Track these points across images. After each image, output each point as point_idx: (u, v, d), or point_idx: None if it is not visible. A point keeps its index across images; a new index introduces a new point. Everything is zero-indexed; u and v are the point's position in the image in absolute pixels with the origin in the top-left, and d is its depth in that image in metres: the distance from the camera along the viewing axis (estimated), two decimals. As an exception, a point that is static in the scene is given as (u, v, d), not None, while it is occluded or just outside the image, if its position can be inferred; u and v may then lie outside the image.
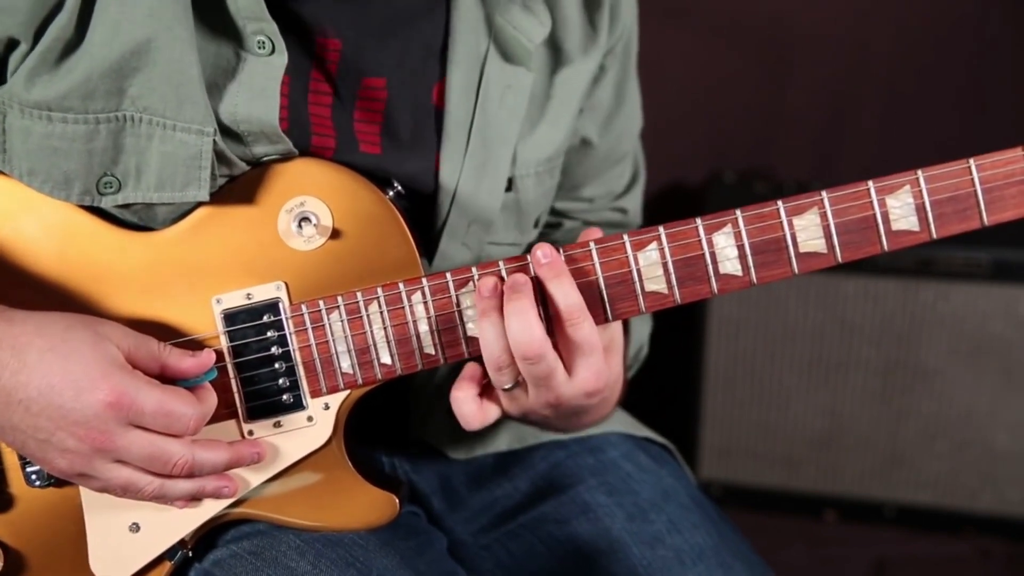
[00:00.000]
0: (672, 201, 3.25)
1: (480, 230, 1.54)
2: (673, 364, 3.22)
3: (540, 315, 1.33)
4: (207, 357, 1.35)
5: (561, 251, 1.35)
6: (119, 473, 1.30)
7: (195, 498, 1.38)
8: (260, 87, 1.36)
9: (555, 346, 1.35)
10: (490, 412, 1.42)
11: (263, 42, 1.35)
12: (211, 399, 1.35)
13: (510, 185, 1.56)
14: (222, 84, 1.36)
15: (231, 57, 1.36)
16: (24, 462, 1.40)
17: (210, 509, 1.41)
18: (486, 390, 1.43)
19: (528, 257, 1.35)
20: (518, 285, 1.33)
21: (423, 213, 1.51)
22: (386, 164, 1.47)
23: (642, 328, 1.76)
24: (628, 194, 1.83)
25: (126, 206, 1.37)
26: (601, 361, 1.37)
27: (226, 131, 1.36)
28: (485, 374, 1.40)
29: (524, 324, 1.31)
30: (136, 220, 1.39)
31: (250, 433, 1.40)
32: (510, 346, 1.33)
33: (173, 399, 1.29)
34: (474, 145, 1.50)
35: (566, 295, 1.33)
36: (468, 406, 1.40)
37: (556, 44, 1.57)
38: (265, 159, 1.39)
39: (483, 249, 1.56)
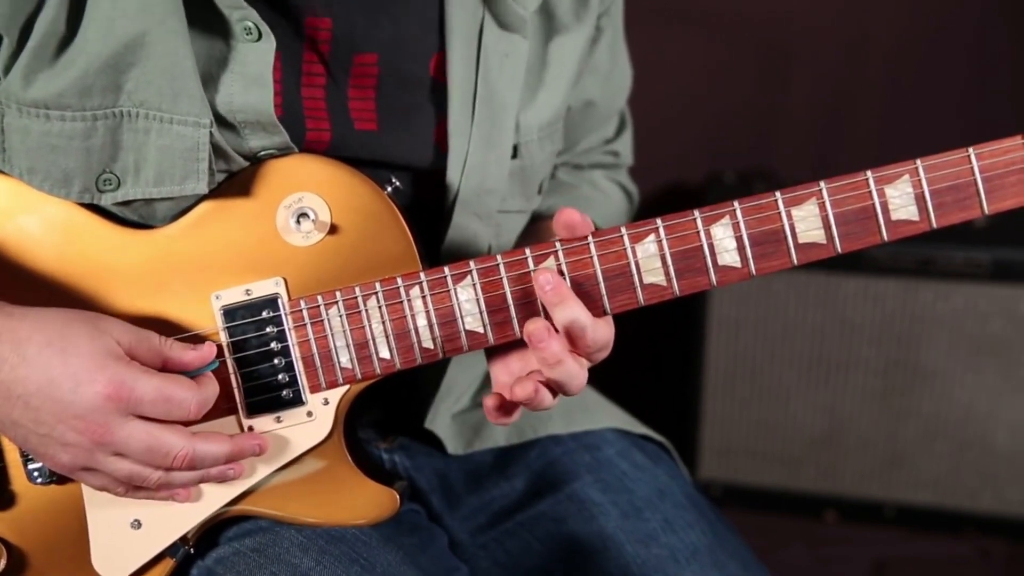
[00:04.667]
0: (672, 202, 3.26)
1: (490, 199, 1.54)
2: (673, 364, 3.23)
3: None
4: (208, 350, 1.35)
5: (560, 249, 1.35)
6: (121, 466, 1.30)
7: (200, 483, 1.39)
8: (254, 75, 1.36)
9: None
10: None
11: (249, 28, 1.35)
12: (212, 385, 1.35)
13: (515, 152, 1.57)
14: (216, 75, 1.36)
15: (222, 47, 1.36)
16: (26, 459, 1.40)
17: (211, 505, 1.41)
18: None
19: (526, 251, 1.36)
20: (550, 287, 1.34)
21: (435, 185, 1.52)
22: (384, 140, 1.48)
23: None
24: (619, 138, 1.87)
25: (126, 203, 1.37)
26: (610, 340, 1.40)
27: (222, 122, 1.36)
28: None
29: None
30: (136, 218, 1.39)
31: (250, 429, 1.40)
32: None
33: (172, 385, 1.30)
34: (480, 115, 1.51)
35: (575, 318, 1.33)
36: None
37: (549, 11, 1.58)
38: (262, 154, 1.39)
39: (493, 218, 1.57)
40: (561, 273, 1.35)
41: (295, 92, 1.43)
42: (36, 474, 1.40)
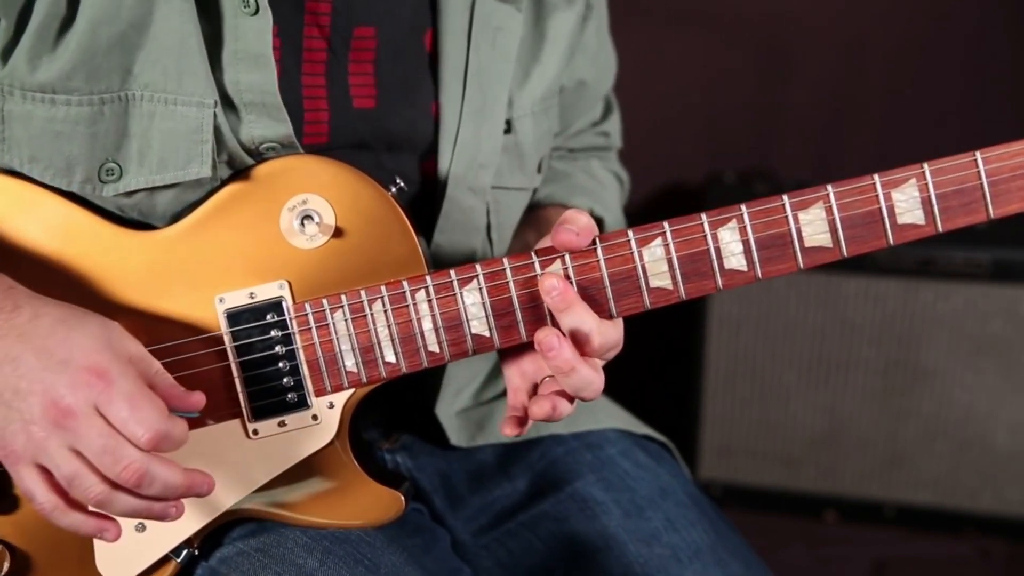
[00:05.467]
0: (672, 201, 3.26)
1: (484, 174, 1.55)
2: (673, 364, 3.23)
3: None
4: (197, 400, 1.32)
5: (567, 255, 1.35)
6: (70, 463, 1.25)
7: (138, 516, 1.32)
8: (255, 53, 1.36)
9: None
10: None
11: (247, 1, 1.35)
12: (179, 427, 1.28)
13: (509, 128, 1.58)
14: (218, 52, 1.36)
15: (217, 22, 1.36)
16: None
17: (217, 508, 1.40)
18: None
19: (533, 255, 1.36)
20: (556, 292, 1.34)
21: (428, 161, 1.53)
22: (381, 117, 1.49)
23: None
24: (606, 120, 1.89)
25: (128, 196, 1.37)
26: (620, 338, 1.41)
27: (228, 103, 1.37)
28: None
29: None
30: (136, 215, 1.39)
31: (255, 432, 1.39)
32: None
33: (146, 400, 1.25)
34: (471, 89, 1.52)
35: (582, 323, 1.34)
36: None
37: None
38: (264, 146, 1.39)
39: (488, 193, 1.57)
40: (568, 277, 1.35)
41: (295, 71, 1.44)
42: (40, 477, 1.40)
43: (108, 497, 1.27)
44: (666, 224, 1.34)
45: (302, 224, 1.37)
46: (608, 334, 1.36)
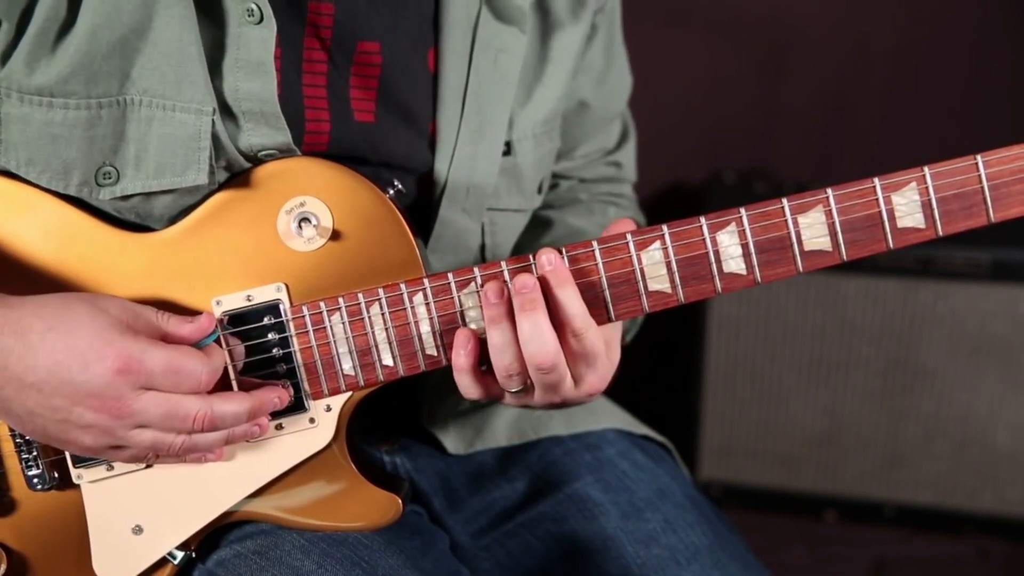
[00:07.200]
0: (672, 201, 3.26)
1: (480, 195, 1.54)
2: (673, 364, 3.23)
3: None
4: (206, 321, 1.34)
5: (565, 255, 1.34)
6: (144, 437, 1.29)
7: (230, 443, 1.37)
8: (256, 61, 1.36)
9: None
10: (492, 388, 1.39)
11: (252, 10, 1.35)
12: (219, 354, 1.34)
13: (509, 149, 1.57)
14: (219, 60, 1.36)
15: (221, 30, 1.36)
16: (25, 466, 1.39)
17: (213, 511, 1.40)
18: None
19: (531, 257, 1.35)
20: (527, 290, 1.31)
21: (422, 180, 1.52)
22: (380, 133, 1.48)
23: None
24: (620, 149, 1.86)
25: (124, 199, 1.36)
26: (605, 364, 1.37)
27: (227, 111, 1.36)
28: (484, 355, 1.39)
29: (537, 334, 1.31)
30: (134, 218, 1.39)
31: (252, 434, 1.39)
32: (522, 354, 1.32)
33: (181, 356, 1.28)
34: (469, 110, 1.51)
35: (570, 303, 1.32)
36: (466, 378, 1.37)
37: (545, 7, 1.59)
38: (262, 153, 1.38)
39: (484, 215, 1.57)
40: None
41: (296, 81, 1.43)
42: (36, 480, 1.40)
43: (193, 443, 1.32)
44: (664, 227, 1.33)
45: (299, 227, 1.37)
46: (594, 332, 1.34)
